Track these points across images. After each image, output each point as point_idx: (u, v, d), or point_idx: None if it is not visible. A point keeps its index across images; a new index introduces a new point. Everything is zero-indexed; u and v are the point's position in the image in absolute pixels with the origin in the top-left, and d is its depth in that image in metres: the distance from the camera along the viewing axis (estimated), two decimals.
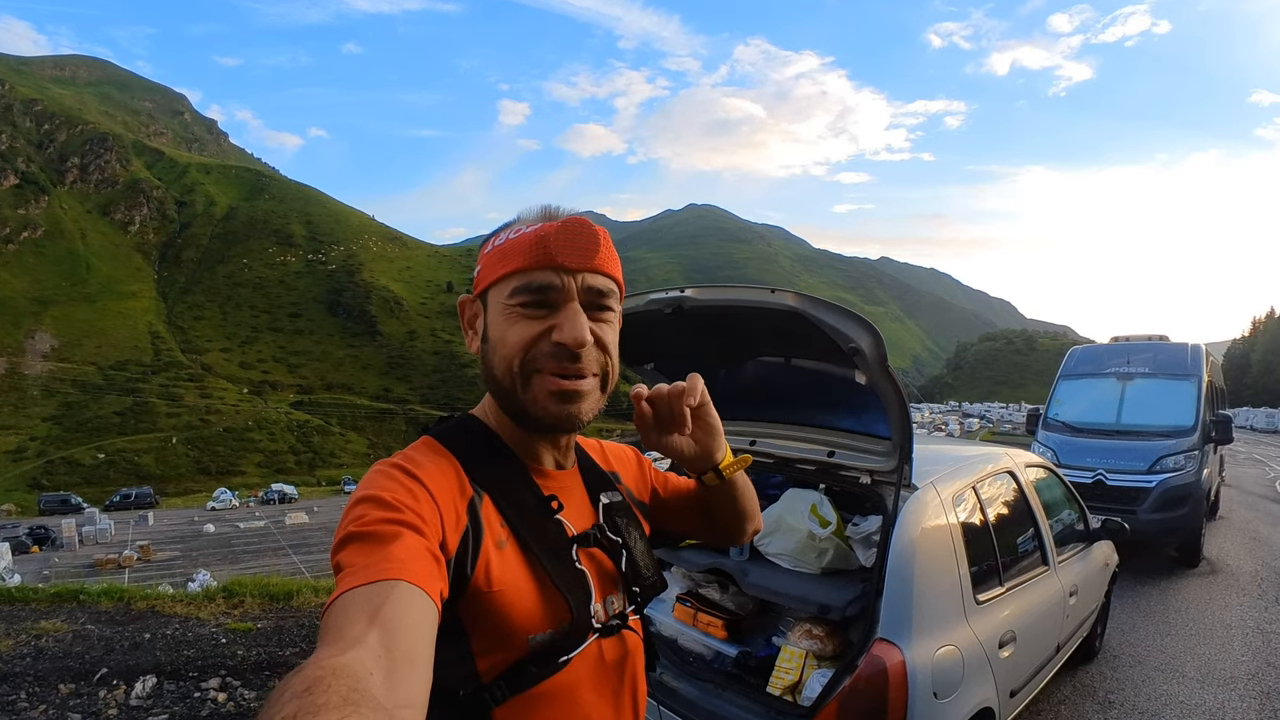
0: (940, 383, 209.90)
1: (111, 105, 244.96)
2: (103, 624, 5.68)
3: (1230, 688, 4.79)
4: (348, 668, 0.62)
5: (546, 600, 0.95)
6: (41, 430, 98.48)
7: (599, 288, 0.99)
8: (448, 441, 1.01)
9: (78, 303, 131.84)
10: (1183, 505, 7.65)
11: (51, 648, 5.04)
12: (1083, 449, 8.45)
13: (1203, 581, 7.44)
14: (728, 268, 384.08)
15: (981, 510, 3.16)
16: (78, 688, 4.38)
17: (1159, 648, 5.54)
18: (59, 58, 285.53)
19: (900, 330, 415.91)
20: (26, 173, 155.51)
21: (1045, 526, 3.78)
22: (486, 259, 1.02)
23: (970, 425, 67.60)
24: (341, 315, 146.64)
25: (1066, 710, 4.42)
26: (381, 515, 0.82)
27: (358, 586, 0.73)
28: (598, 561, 1.06)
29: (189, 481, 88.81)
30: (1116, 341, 10.02)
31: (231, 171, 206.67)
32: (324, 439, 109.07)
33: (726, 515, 1.29)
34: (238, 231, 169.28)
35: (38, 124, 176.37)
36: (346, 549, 0.80)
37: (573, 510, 1.06)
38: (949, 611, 2.68)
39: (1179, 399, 8.46)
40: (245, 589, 6.82)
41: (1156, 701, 4.58)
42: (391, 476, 0.89)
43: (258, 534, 44.53)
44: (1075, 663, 4.89)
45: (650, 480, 1.33)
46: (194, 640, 5.26)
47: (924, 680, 2.43)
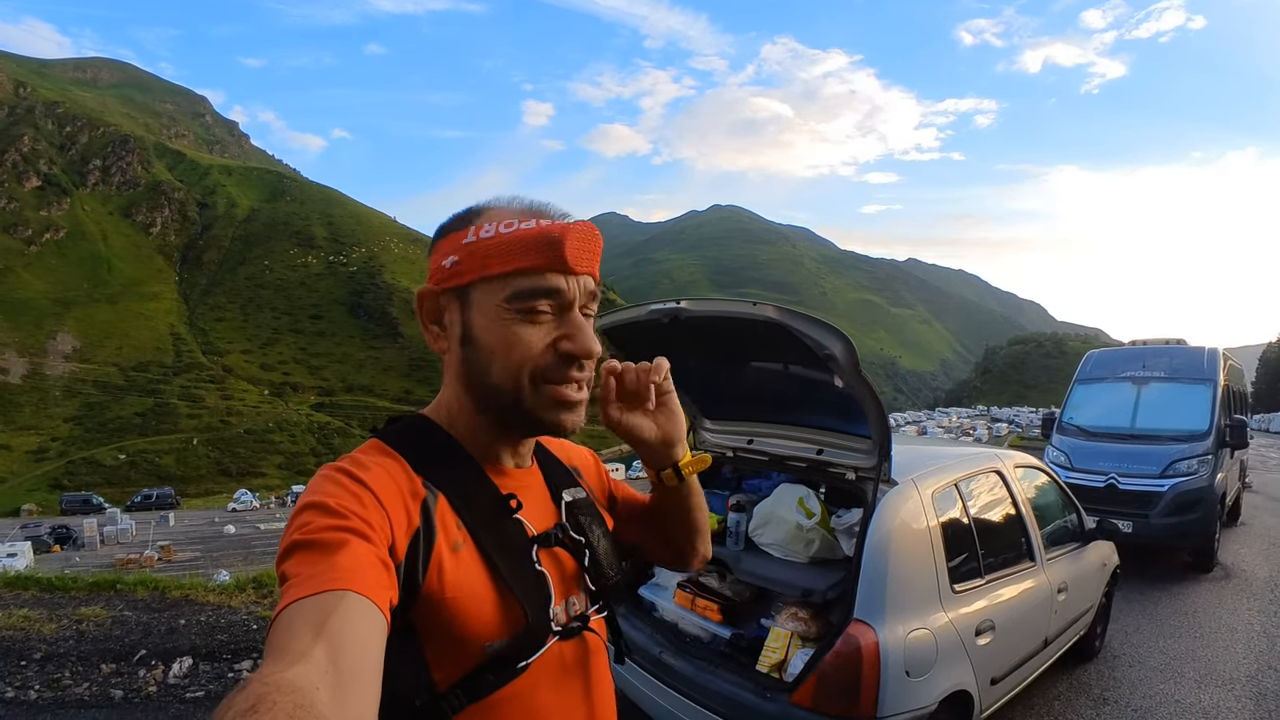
0: (969, 387, 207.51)
1: (133, 107, 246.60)
2: (139, 611, 5.88)
3: (1228, 689, 4.83)
4: (293, 683, 0.60)
5: (504, 606, 0.92)
6: (63, 431, 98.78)
7: (592, 291, 0.99)
8: (397, 443, 0.97)
9: (99, 304, 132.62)
10: (1195, 510, 7.66)
11: (92, 631, 5.28)
12: (1095, 453, 8.52)
13: (1214, 586, 7.46)
14: (751, 269, 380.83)
15: (964, 506, 3.37)
16: (118, 667, 4.67)
17: (1160, 649, 5.60)
18: (80, 60, 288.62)
19: (928, 333, 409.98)
20: (49, 175, 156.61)
21: (1032, 524, 3.94)
22: (467, 250, 0.95)
23: (999, 430, 65.79)
24: (363, 317, 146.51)
25: (1060, 705, 4.52)
26: (327, 522, 0.79)
27: (303, 598, 0.70)
28: (560, 561, 1.04)
29: (210, 483, 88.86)
30: (1134, 345, 10.15)
31: (253, 173, 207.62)
32: (345, 441, 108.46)
33: (678, 528, 1.26)
34: (259, 233, 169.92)
35: (60, 126, 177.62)
36: (292, 558, 0.77)
37: (533, 509, 1.04)
38: (924, 598, 2.91)
39: (1194, 403, 8.45)
40: (274, 580, 7.00)
41: (1151, 700, 4.66)
42: (337, 482, 0.86)
43: (278, 535, 42.79)
44: (1074, 661, 5.01)
45: (607, 483, 1.31)
46: (226, 626, 5.52)
47: (896, 659, 2.66)
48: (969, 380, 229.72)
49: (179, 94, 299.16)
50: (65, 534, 41.43)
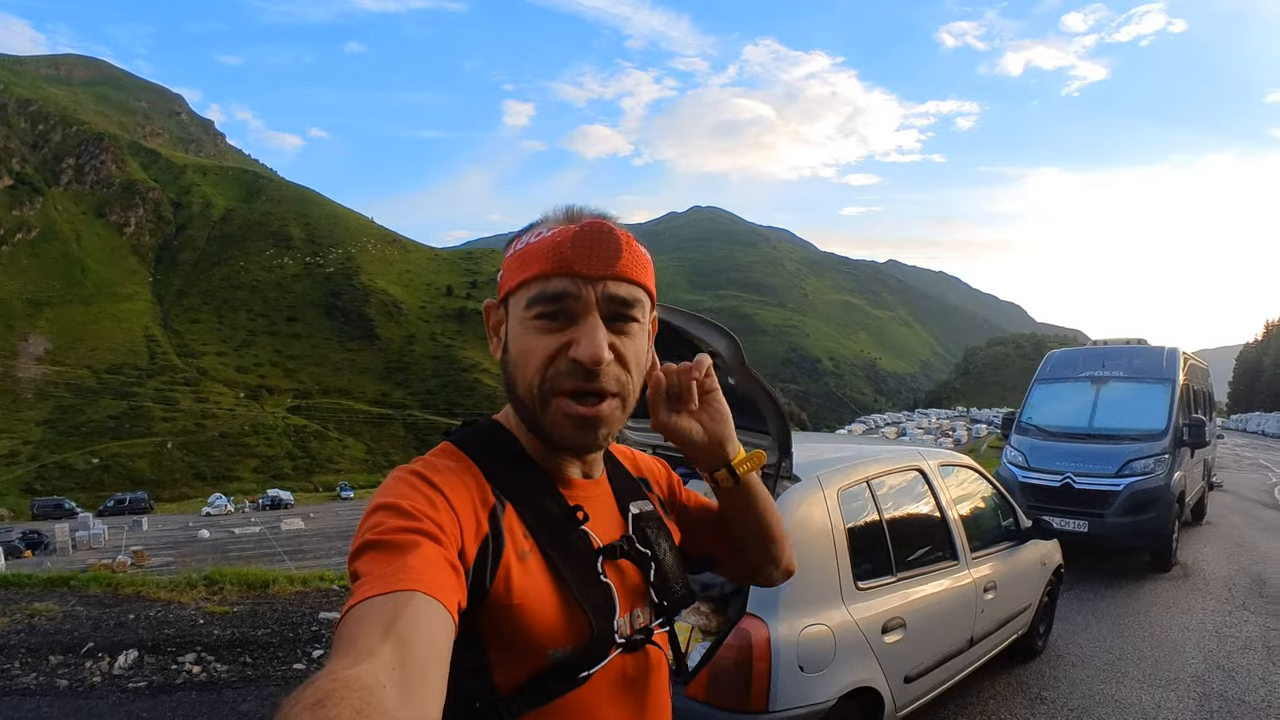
0: (948, 388, 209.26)
1: (107, 105, 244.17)
2: (91, 606, 6.07)
3: (1171, 689, 4.81)
4: (361, 680, 0.61)
5: (568, 614, 0.93)
6: (35, 434, 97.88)
7: (622, 296, 0.94)
8: (469, 448, 0.99)
9: (72, 305, 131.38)
10: (1151, 509, 7.72)
11: (44, 625, 5.48)
12: (1052, 452, 8.57)
13: (1171, 585, 7.46)
14: (731, 271, 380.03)
15: (876, 504, 3.40)
16: (66, 659, 4.87)
17: (1107, 649, 5.56)
18: (54, 57, 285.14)
19: (908, 334, 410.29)
20: (21, 173, 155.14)
21: (956, 523, 3.94)
22: (508, 263, 0.98)
23: (978, 431, 66.36)
24: (339, 319, 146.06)
25: (995, 705, 4.51)
26: (399, 524, 0.80)
27: (374, 596, 0.72)
28: (624, 574, 1.03)
29: (184, 487, 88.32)
30: (1096, 345, 10.21)
31: (228, 173, 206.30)
32: (321, 444, 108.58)
33: (748, 535, 1.22)
34: (234, 233, 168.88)
35: (32, 124, 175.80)
36: (363, 557, 0.78)
37: (600, 521, 1.03)
38: (822, 594, 2.92)
39: (1152, 403, 8.50)
40: (225, 577, 7.20)
41: (1090, 700, 4.62)
42: (410, 484, 0.87)
43: (253, 540, 43.80)
44: (1015, 660, 5.01)
45: (678, 493, 1.29)
46: (174, 621, 5.68)
47: (789, 654, 2.69)
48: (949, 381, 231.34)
49: (154, 92, 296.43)
50: (36, 539, 40.53)
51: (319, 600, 6.54)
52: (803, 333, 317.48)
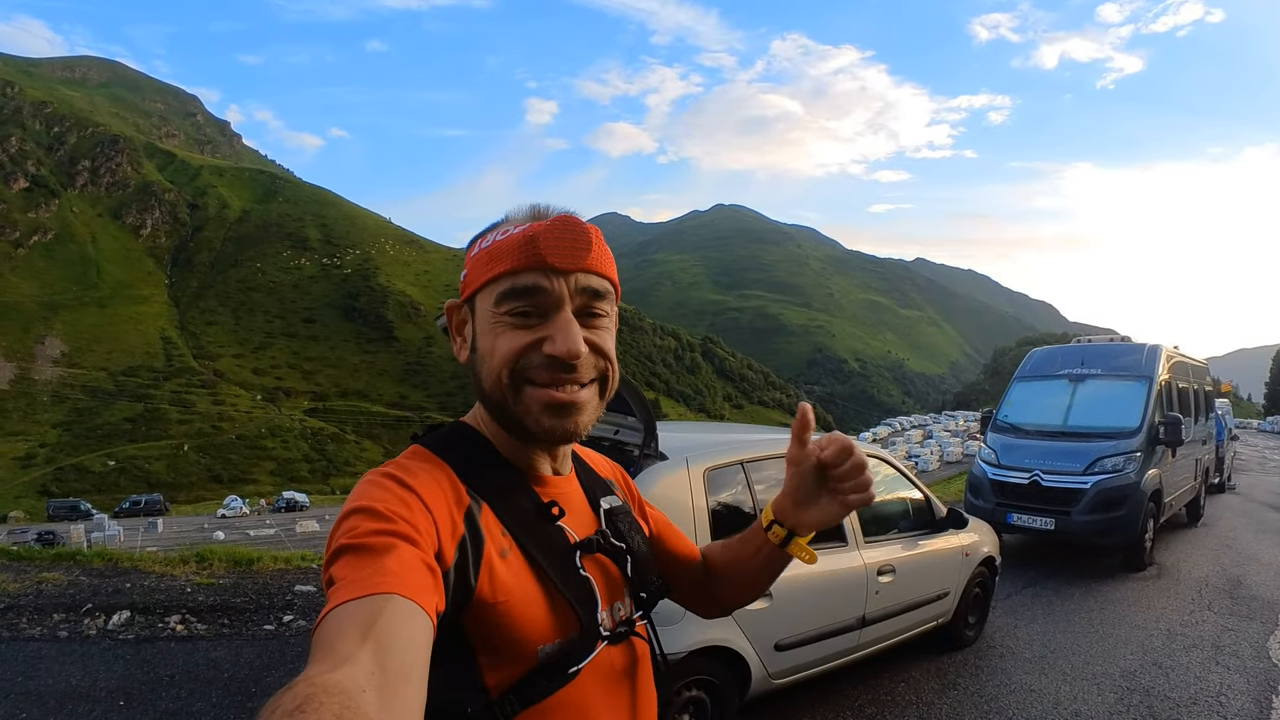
0: (977, 389, 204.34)
1: (122, 107, 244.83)
2: (93, 576, 6.69)
3: (1095, 682, 4.79)
4: (339, 685, 0.60)
5: (554, 609, 0.93)
6: (51, 436, 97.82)
7: (595, 288, 0.94)
8: (440, 450, 0.97)
9: (88, 307, 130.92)
10: (1119, 507, 7.67)
11: (50, 590, 6.14)
12: (1023, 450, 8.58)
13: (1139, 584, 7.40)
14: (755, 270, 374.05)
15: (749, 485, 3.75)
16: (67, 616, 5.55)
17: (1043, 643, 5.54)
18: (69, 59, 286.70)
19: (936, 334, 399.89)
20: (37, 176, 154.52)
21: None
22: (473, 262, 0.97)
23: None
24: (357, 320, 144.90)
25: (905, 688, 4.61)
26: (374, 526, 0.79)
27: (350, 600, 0.70)
28: (602, 567, 1.03)
29: (200, 489, 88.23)
30: (1078, 342, 10.28)
31: (245, 174, 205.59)
32: (339, 447, 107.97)
33: (743, 577, 1.23)
34: (251, 235, 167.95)
35: (48, 126, 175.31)
36: (339, 562, 0.77)
37: (574, 516, 1.03)
38: None
39: (1127, 400, 8.47)
40: (215, 555, 7.64)
41: (1003, 689, 4.66)
42: (383, 486, 0.86)
43: (268, 541, 43.51)
44: (937, 649, 5.14)
45: (639, 499, 1.27)
46: (165, 589, 6.28)
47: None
48: (978, 383, 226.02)
49: (169, 93, 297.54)
50: (52, 540, 40.21)
51: (297, 576, 7.06)
52: (828, 333, 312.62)
